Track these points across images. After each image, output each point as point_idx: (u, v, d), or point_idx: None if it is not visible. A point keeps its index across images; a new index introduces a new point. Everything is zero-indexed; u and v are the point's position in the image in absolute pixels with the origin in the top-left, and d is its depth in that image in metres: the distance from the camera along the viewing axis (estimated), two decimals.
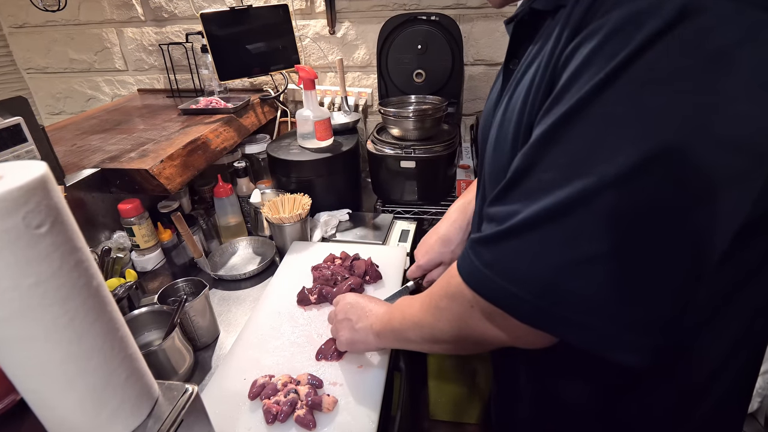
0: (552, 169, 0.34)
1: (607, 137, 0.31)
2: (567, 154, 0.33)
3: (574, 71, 0.33)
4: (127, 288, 0.77)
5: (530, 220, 0.35)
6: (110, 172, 0.91)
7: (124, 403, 0.42)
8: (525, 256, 0.35)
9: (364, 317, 0.65)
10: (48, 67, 1.68)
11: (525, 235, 0.35)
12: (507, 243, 0.37)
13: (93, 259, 0.39)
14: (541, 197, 0.34)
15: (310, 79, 1.07)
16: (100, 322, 0.39)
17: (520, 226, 0.35)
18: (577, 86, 0.33)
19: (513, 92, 0.45)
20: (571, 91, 0.33)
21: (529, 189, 0.36)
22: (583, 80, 0.32)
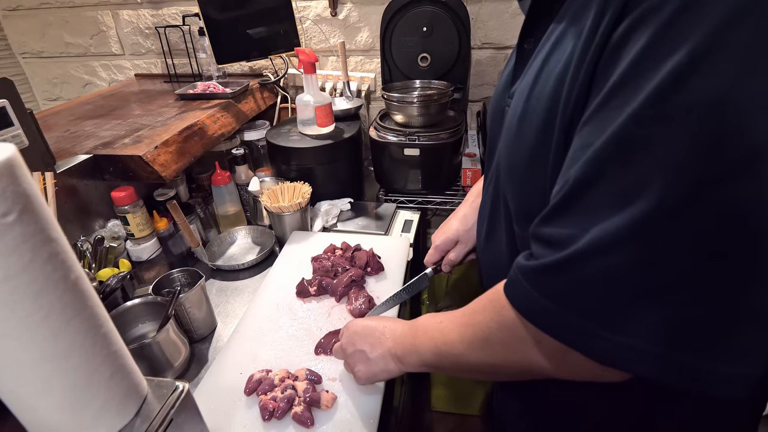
0: (628, 179, 0.30)
1: (706, 134, 0.27)
2: (651, 159, 0.29)
3: (638, 56, 0.29)
4: (120, 278, 0.74)
5: (603, 242, 0.30)
6: (103, 158, 0.88)
7: (108, 402, 0.40)
8: (600, 286, 0.31)
9: (378, 344, 0.56)
10: (43, 52, 1.64)
11: (598, 261, 0.31)
12: (576, 271, 0.32)
13: (71, 250, 0.36)
14: (613, 214, 0.30)
15: (311, 63, 1.03)
16: (79, 319, 0.36)
17: (591, 249, 0.31)
18: (649, 75, 0.28)
19: (537, 76, 0.41)
20: (640, 81, 0.29)
21: (596, 205, 0.31)
22: (656, 66, 0.28)
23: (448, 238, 0.73)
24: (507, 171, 0.46)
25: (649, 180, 0.29)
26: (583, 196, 0.32)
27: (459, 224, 0.73)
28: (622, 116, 0.30)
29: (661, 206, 0.28)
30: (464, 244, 0.73)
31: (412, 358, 0.52)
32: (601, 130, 0.31)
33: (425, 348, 0.50)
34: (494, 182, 0.52)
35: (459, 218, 0.74)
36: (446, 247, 0.74)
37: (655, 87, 0.28)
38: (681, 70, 0.27)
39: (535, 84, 0.41)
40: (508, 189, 0.47)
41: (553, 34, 0.40)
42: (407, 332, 0.54)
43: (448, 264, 0.74)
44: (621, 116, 0.30)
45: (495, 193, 0.52)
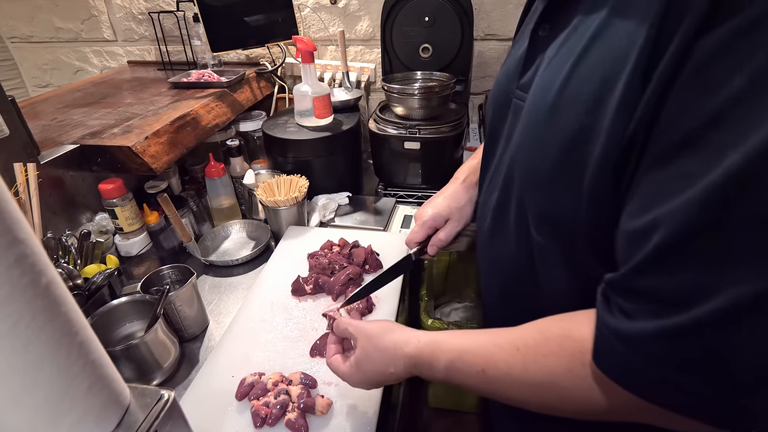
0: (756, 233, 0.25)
1: None
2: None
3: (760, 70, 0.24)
4: (106, 275, 0.71)
5: (746, 300, 0.25)
6: (90, 148, 0.84)
7: (86, 415, 0.37)
8: (734, 352, 0.27)
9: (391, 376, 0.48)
10: (33, 36, 1.59)
11: (741, 322, 0.26)
12: (708, 336, 0.27)
13: (42, 252, 0.33)
14: (754, 265, 0.25)
15: (309, 52, 0.99)
16: (51, 327, 0.33)
17: (731, 309, 0.26)
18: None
19: (573, 69, 0.36)
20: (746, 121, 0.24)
21: (724, 252, 0.26)
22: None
23: (438, 213, 0.66)
24: (528, 172, 0.42)
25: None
26: (707, 241, 0.27)
27: (450, 201, 0.66)
28: (751, 143, 0.25)
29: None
30: (456, 222, 0.66)
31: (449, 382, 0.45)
32: (713, 158, 0.26)
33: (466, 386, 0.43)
34: (502, 182, 0.48)
35: (448, 195, 0.67)
36: (435, 224, 0.66)
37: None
38: None
39: (569, 78, 0.37)
40: (527, 192, 0.43)
41: (586, 26, 0.36)
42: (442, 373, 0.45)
43: (435, 244, 0.66)
44: (750, 143, 0.25)
45: (503, 192, 0.48)
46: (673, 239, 0.28)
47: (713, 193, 0.26)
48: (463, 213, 0.66)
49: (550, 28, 0.42)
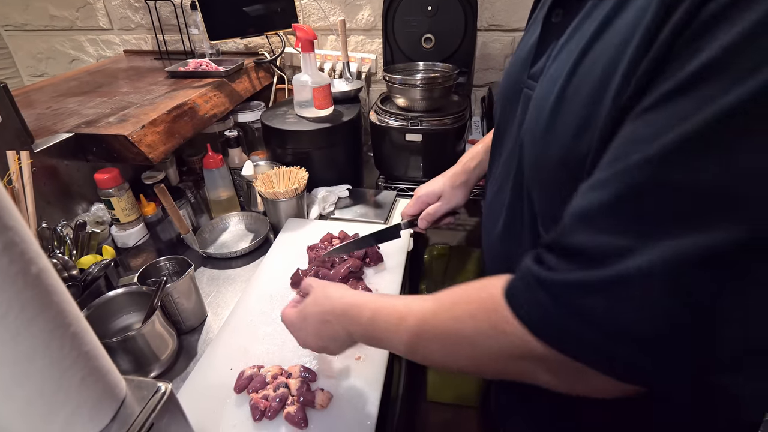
0: (707, 189, 0.24)
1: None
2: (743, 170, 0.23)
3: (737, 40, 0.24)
4: (102, 266, 0.70)
5: (665, 264, 0.25)
6: (85, 137, 0.82)
7: (80, 407, 0.36)
8: (660, 308, 0.26)
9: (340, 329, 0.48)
10: (27, 24, 1.56)
11: (654, 284, 0.26)
12: (629, 290, 0.27)
13: (33, 240, 0.31)
14: (688, 232, 0.25)
15: (309, 41, 0.97)
16: (42, 317, 0.32)
17: (646, 271, 0.26)
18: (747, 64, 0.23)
19: (582, 56, 0.34)
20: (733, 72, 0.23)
21: (663, 215, 0.26)
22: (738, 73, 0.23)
23: (432, 190, 0.71)
24: (534, 166, 0.41)
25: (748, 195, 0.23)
26: (645, 201, 0.27)
27: (447, 180, 0.71)
28: (711, 107, 0.24)
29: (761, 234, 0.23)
30: (446, 202, 0.71)
31: (371, 343, 0.47)
32: (677, 119, 0.25)
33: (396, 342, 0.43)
34: (514, 178, 0.46)
35: (448, 176, 0.72)
36: (428, 200, 0.72)
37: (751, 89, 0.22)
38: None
39: (575, 68, 0.35)
40: (534, 186, 0.42)
41: (599, 10, 0.34)
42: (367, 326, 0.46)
43: (425, 219, 0.72)
44: (710, 107, 0.24)
45: (516, 189, 0.46)
46: (619, 195, 0.28)
47: (665, 153, 0.26)
48: (456, 193, 0.71)
49: (564, 13, 0.41)
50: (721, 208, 0.24)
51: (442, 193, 0.71)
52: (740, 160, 0.24)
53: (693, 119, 0.25)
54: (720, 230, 0.24)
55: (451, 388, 1.40)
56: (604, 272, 0.28)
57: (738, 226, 0.24)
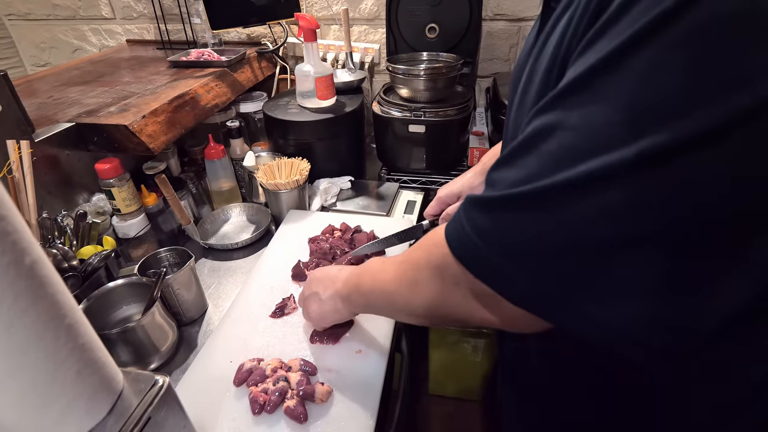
0: (597, 125, 0.26)
1: (686, 82, 0.23)
2: (621, 106, 0.25)
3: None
4: (103, 257, 0.69)
5: (551, 188, 0.28)
6: (86, 127, 0.82)
7: (76, 400, 0.35)
8: (534, 230, 0.29)
9: (330, 285, 0.58)
10: (30, 14, 1.55)
11: (541, 206, 0.28)
12: (512, 211, 0.30)
13: (26, 229, 0.31)
14: (572, 163, 0.27)
15: (312, 30, 0.96)
16: (36, 309, 0.31)
17: (537, 193, 0.28)
18: (634, 15, 0.24)
19: (548, 36, 0.36)
20: (625, 21, 0.25)
21: (554, 152, 0.28)
22: (643, 7, 0.24)
23: (451, 191, 0.73)
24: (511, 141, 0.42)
25: (618, 129, 0.25)
26: (542, 142, 0.29)
27: (465, 181, 0.73)
28: (595, 56, 0.26)
29: (629, 158, 0.24)
30: None
31: (356, 297, 0.53)
32: (574, 70, 0.28)
33: (366, 287, 0.51)
34: None
35: (466, 177, 0.73)
36: (448, 200, 0.73)
37: (640, 28, 0.24)
38: (670, 13, 0.23)
39: (545, 44, 0.36)
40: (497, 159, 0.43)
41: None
42: (354, 271, 0.55)
43: (445, 219, 0.73)
44: (594, 57, 0.26)
45: None
46: (524, 139, 0.30)
47: (556, 101, 0.28)
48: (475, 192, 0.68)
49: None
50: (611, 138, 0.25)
51: (461, 193, 0.72)
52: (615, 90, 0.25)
53: (581, 66, 0.27)
54: (608, 153, 0.25)
55: (453, 381, 1.39)
56: (498, 193, 0.31)
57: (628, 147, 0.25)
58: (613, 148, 0.25)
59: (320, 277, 0.60)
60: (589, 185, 0.26)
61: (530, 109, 0.35)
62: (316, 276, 0.61)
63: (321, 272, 0.61)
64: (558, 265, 0.29)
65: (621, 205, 0.25)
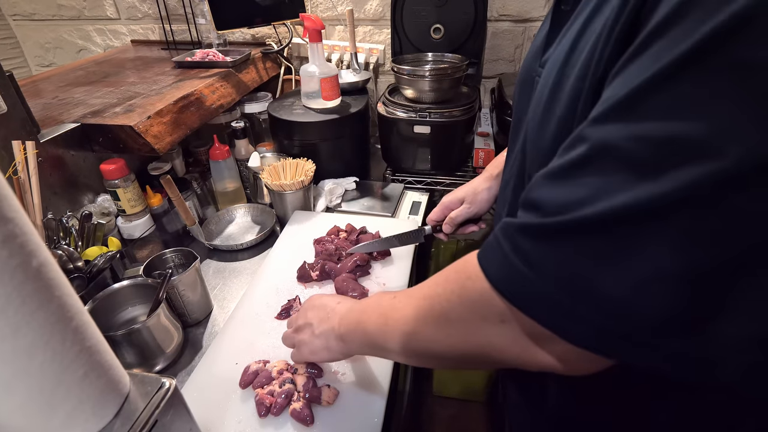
0: (649, 147, 0.24)
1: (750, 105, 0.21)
2: (678, 127, 0.23)
3: (676, 7, 0.24)
4: (108, 258, 0.69)
5: (609, 216, 0.25)
6: (91, 127, 0.82)
7: (82, 403, 0.35)
8: (604, 261, 0.26)
9: (326, 319, 0.52)
10: (35, 14, 1.55)
11: (598, 236, 0.26)
12: (573, 239, 0.27)
13: (33, 232, 0.31)
14: (627, 186, 0.25)
15: (317, 30, 0.95)
16: (43, 311, 0.31)
17: (592, 222, 0.26)
18: (685, 29, 0.23)
19: (576, 41, 0.35)
20: (674, 35, 0.23)
21: (605, 173, 0.26)
22: (695, 20, 0.23)
23: (455, 196, 0.72)
24: (533, 150, 0.41)
25: (678, 152, 0.23)
26: (593, 162, 0.27)
27: (469, 187, 0.72)
28: (645, 73, 0.25)
29: (689, 185, 0.23)
30: (469, 205, 0.71)
31: (356, 336, 0.47)
32: (627, 82, 0.26)
33: (372, 325, 0.45)
34: (519, 162, 0.46)
35: (471, 185, 0.73)
36: (451, 206, 0.73)
37: (693, 47, 0.22)
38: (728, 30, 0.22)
39: (572, 50, 0.35)
40: (533, 168, 0.41)
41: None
42: (354, 308, 0.49)
43: (448, 223, 0.72)
44: (645, 73, 0.25)
45: (520, 174, 0.46)
46: (574, 159, 0.28)
47: (603, 118, 0.26)
48: (478, 198, 0.71)
49: (573, 1, 0.39)
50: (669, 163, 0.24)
51: (464, 198, 0.71)
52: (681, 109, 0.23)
53: (637, 78, 0.25)
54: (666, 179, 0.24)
55: (458, 382, 1.39)
56: (553, 219, 0.28)
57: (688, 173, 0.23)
58: (695, 166, 0.23)
59: (317, 306, 0.55)
60: (672, 207, 0.24)
61: (563, 117, 0.34)
62: (313, 303, 0.56)
63: (319, 300, 0.55)
64: (637, 299, 0.25)
65: (708, 228, 0.23)
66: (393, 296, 0.45)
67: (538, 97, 0.40)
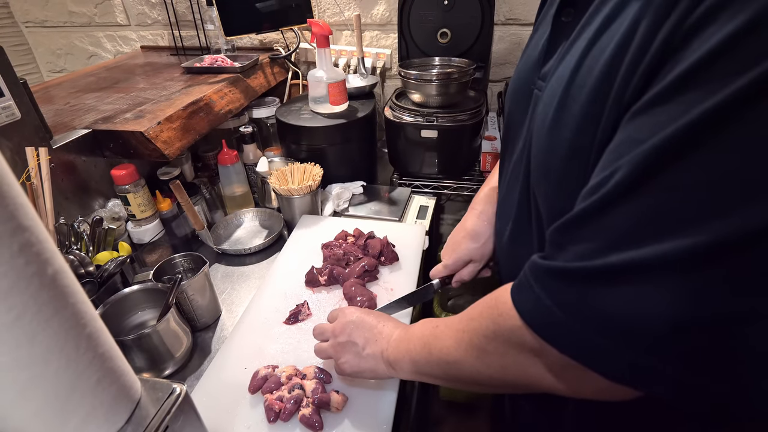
0: (696, 191, 0.24)
1: None
2: (727, 171, 0.23)
3: (717, 46, 0.23)
4: (119, 263, 0.70)
5: (650, 263, 0.26)
6: (102, 133, 0.83)
7: (95, 409, 0.36)
8: (637, 305, 0.27)
9: (372, 341, 0.53)
10: (47, 21, 1.58)
11: (645, 279, 0.26)
12: (607, 284, 0.28)
13: (49, 239, 0.31)
14: (669, 233, 0.25)
15: (324, 36, 0.96)
16: (59, 318, 0.31)
17: (633, 268, 0.26)
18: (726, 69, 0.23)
19: (583, 57, 0.34)
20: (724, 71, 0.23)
21: (645, 216, 0.26)
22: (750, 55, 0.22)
23: (459, 258, 0.67)
24: (541, 169, 0.40)
25: (726, 196, 0.24)
26: (628, 203, 0.27)
27: (470, 242, 0.66)
28: (691, 113, 0.24)
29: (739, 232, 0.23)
30: (478, 263, 0.67)
31: (405, 364, 0.49)
32: (659, 124, 0.25)
33: (419, 355, 0.47)
34: (523, 179, 0.45)
35: (469, 235, 0.66)
36: (457, 267, 0.68)
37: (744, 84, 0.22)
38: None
39: (577, 69, 0.34)
40: (540, 188, 0.41)
41: (604, 8, 0.33)
42: (402, 336, 0.51)
43: (458, 281, 0.69)
44: (690, 113, 0.24)
45: (524, 191, 0.46)
46: (604, 196, 0.28)
47: (644, 158, 0.26)
48: (485, 251, 0.66)
49: (574, 12, 0.39)
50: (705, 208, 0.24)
51: (470, 257, 0.67)
52: (716, 162, 0.24)
53: (672, 124, 0.25)
54: (701, 233, 0.24)
55: None
56: (585, 264, 0.29)
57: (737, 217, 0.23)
58: (738, 213, 0.23)
59: (359, 325, 0.54)
60: (706, 255, 0.24)
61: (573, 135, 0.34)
62: (354, 321, 0.55)
63: (360, 318, 0.55)
64: (671, 337, 0.26)
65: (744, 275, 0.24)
66: (435, 326, 0.47)
67: (542, 115, 0.39)
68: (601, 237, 0.28)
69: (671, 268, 0.25)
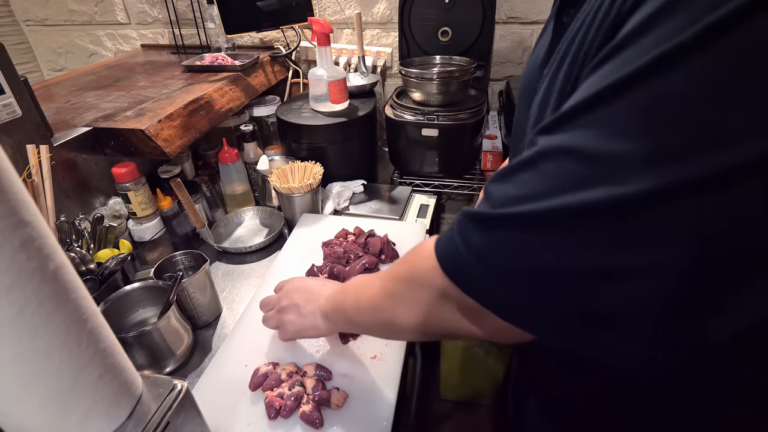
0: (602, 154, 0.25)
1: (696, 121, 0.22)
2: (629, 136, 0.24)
3: (648, 17, 0.24)
4: (119, 260, 0.70)
5: (550, 212, 0.27)
6: (103, 131, 0.83)
7: (97, 404, 0.36)
8: (529, 252, 0.28)
9: (313, 300, 0.56)
10: (47, 19, 1.58)
11: (538, 228, 0.28)
12: (508, 231, 0.29)
13: (50, 235, 0.31)
14: (574, 189, 0.26)
15: (325, 34, 0.96)
16: (60, 313, 0.31)
17: (535, 215, 0.28)
18: (651, 41, 0.23)
19: (566, 53, 0.35)
20: (639, 47, 0.24)
21: (555, 175, 0.27)
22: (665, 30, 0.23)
23: None
24: None
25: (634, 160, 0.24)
26: (547, 161, 0.28)
27: None
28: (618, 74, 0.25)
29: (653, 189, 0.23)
30: None
31: (338, 314, 0.52)
32: (586, 88, 0.27)
33: (349, 304, 0.50)
34: None
35: None
36: None
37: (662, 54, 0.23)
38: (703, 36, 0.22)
39: (561, 61, 0.35)
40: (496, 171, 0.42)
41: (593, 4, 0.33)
42: (339, 290, 0.54)
43: None
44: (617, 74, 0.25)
45: None
46: (528, 158, 0.29)
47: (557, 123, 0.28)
48: None
49: (574, 12, 0.39)
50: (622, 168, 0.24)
51: None
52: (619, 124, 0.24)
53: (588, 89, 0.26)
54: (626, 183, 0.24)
55: (465, 385, 1.38)
56: (495, 211, 0.30)
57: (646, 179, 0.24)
58: (619, 180, 0.24)
59: (301, 288, 0.59)
60: (590, 213, 0.25)
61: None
62: (296, 285, 0.60)
63: (302, 282, 0.60)
64: (552, 288, 0.28)
65: (620, 236, 0.25)
66: (367, 276, 0.50)
67: (536, 107, 0.40)
68: (518, 187, 0.29)
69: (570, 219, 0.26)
